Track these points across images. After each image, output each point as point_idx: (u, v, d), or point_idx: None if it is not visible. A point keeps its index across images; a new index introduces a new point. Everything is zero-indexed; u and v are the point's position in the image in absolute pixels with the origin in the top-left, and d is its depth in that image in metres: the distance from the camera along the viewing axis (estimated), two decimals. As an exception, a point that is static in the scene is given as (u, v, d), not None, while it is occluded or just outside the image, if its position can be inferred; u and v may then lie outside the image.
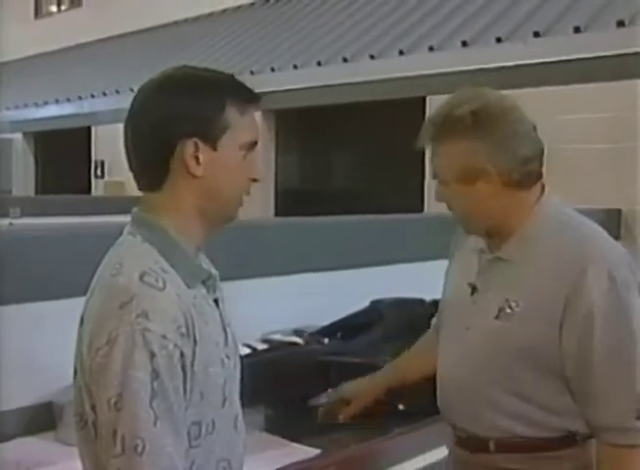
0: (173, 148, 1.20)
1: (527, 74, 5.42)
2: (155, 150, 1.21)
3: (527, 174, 1.57)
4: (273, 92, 7.32)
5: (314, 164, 7.91)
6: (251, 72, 7.74)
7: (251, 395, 1.37)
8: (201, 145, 1.20)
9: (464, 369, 1.65)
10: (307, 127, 7.75)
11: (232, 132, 1.22)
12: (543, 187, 1.63)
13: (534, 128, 1.59)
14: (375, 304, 2.61)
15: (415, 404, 2.27)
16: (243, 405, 1.32)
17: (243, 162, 1.25)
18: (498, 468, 1.61)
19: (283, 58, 7.70)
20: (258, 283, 2.60)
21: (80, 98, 9.96)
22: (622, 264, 1.54)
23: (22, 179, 11.21)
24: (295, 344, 2.30)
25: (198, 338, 1.16)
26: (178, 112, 1.20)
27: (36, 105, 10.74)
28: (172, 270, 1.18)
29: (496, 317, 1.57)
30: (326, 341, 2.36)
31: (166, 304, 1.13)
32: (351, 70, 6.76)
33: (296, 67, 7.31)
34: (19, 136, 11.41)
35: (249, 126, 1.26)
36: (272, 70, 7.54)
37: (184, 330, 1.13)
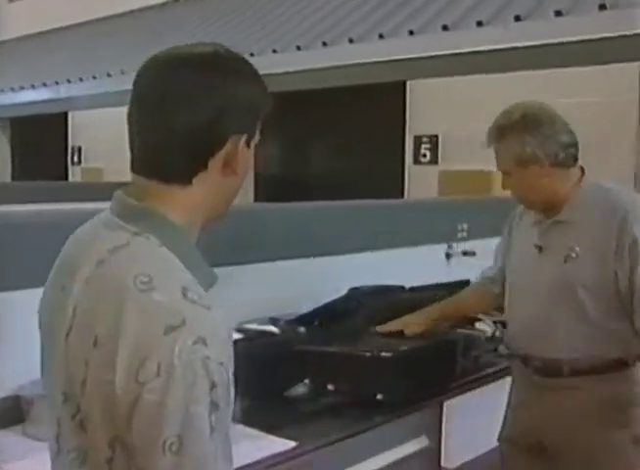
0: (224, 143, 1.07)
1: (508, 59, 5.37)
2: (203, 144, 1.07)
3: (569, 156, 2.11)
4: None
5: (294, 150, 7.85)
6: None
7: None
8: (244, 140, 1.10)
9: (542, 308, 2.16)
10: (287, 112, 7.65)
11: (258, 129, 1.15)
12: (583, 170, 2.18)
13: (567, 124, 2.13)
14: (353, 291, 2.56)
15: (393, 394, 2.24)
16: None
17: (250, 157, 1.16)
18: (570, 387, 2.12)
19: (262, 42, 7.59)
20: (233, 271, 2.53)
21: (57, 83, 9.78)
22: None
23: (-1, 166, 11.04)
24: (270, 333, 2.24)
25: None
26: (236, 101, 1.07)
27: (12, 90, 10.55)
28: (194, 278, 1.04)
29: (565, 262, 2.11)
30: (302, 330, 2.30)
31: (217, 325, 1.01)
32: (331, 54, 6.65)
33: (275, 51, 7.20)
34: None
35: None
36: (251, 54, 7.39)
37: (231, 352, 1.03)
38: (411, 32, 6.17)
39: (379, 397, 2.21)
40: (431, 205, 4.11)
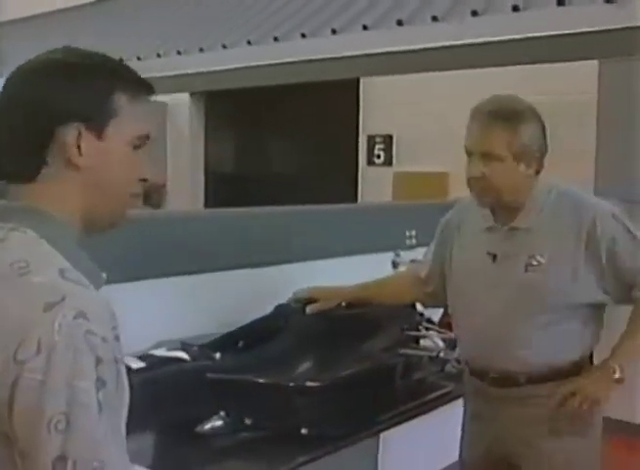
0: (52, 132, 1.06)
1: (465, 55, 5.18)
2: (30, 133, 1.07)
3: (542, 161, 2.03)
4: (201, 73, 7.00)
5: (246, 148, 7.60)
6: (178, 53, 7.36)
7: (126, 422, 1.06)
8: (84, 132, 1.07)
9: (497, 319, 2.03)
10: (239, 110, 7.42)
11: (120, 121, 1.10)
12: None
13: None
14: (280, 308, 2.29)
15: (321, 428, 1.98)
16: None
17: (132, 157, 1.13)
18: (527, 396, 2.02)
19: (211, 37, 7.32)
20: (140, 286, 2.25)
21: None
22: (613, 207, 2.05)
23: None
24: (179, 360, 1.96)
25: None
26: (58, 93, 1.07)
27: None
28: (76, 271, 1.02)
29: (525, 271, 1.99)
30: (217, 355, 2.03)
31: (98, 302, 0.98)
32: (282, 49, 6.44)
33: (224, 46, 6.94)
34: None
35: (140, 118, 1.14)
36: (200, 50, 7.16)
37: (117, 332, 0.99)
38: (365, 27, 5.96)
39: (303, 431, 1.95)
40: (377, 210, 3.86)
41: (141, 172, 1.15)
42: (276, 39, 6.58)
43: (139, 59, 7.52)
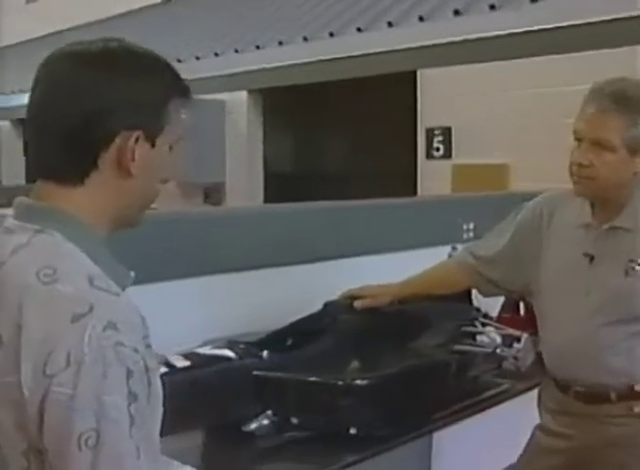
0: (111, 140, 1.02)
1: (523, 43, 5.03)
2: (88, 141, 1.02)
3: None
4: (258, 70, 7.00)
5: (304, 145, 7.59)
6: (236, 51, 7.37)
7: (172, 422, 1.05)
8: (141, 140, 1.04)
9: (588, 325, 1.87)
10: (296, 106, 7.39)
11: (170, 128, 1.08)
12: None
13: None
14: (328, 306, 2.23)
15: (370, 428, 1.92)
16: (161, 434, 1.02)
17: (169, 160, 1.11)
18: (619, 415, 1.86)
19: (267, 34, 7.31)
20: (188, 284, 2.24)
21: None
22: None
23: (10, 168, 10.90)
24: (225, 358, 1.93)
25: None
26: (124, 96, 1.02)
27: (22, 91, 10.38)
28: (103, 273, 1.00)
29: (626, 276, 1.83)
30: (265, 354, 1.99)
31: (129, 311, 0.96)
32: (338, 44, 6.38)
33: (280, 43, 6.93)
34: (6, 124, 11.08)
35: (181, 122, 1.11)
36: (257, 47, 7.16)
37: (148, 341, 0.97)
38: (421, 19, 5.86)
39: (352, 431, 1.90)
40: (433, 203, 3.76)
41: (173, 175, 1.13)
42: (332, 34, 6.53)
43: (197, 58, 7.57)
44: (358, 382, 1.92)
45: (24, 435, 0.92)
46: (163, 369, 1.77)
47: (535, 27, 5.01)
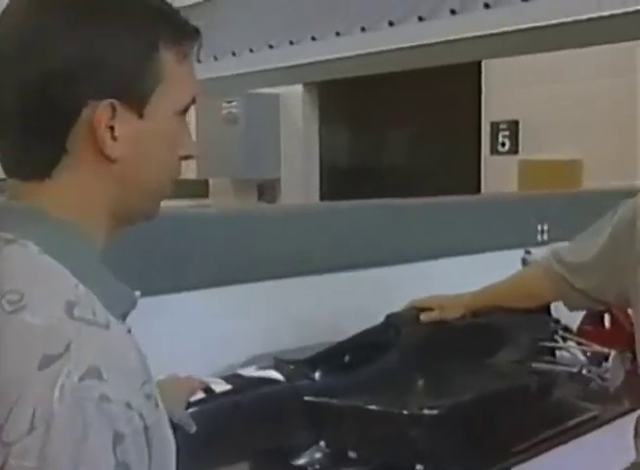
0: (76, 114, 0.78)
1: (597, 30, 4.73)
2: (44, 116, 0.78)
3: None
4: (314, 63, 6.81)
5: (361, 139, 7.39)
6: (291, 43, 7.17)
7: (211, 455, 0.94)
8: (119, 110, 0.79)
9: None
10: (353, 99, 7.20)
11: (165, 89, 0.81)
12: None
13: None
14: (391, 318, 1.98)
15: (440, 464, 1.66)
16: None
17: (177, 132, 0.86)
18: None
19: (324, 25, 7.09)
20: (230, 291, 2.01)
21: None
22: None
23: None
24: (271, 381, 1.69)
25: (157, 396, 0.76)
26: (86, 55, 0.77)
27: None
28: (94, 297, 0.77)
29: None
30: (317, 375, 1.75)
31: (121, 349, 0.74)
32: (398, 34, 6.13)
33: (338, 34, 6.70)
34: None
35: (188, 78, 0.85)
36: (313, 38, 6.95)
37: (148, 389, 0.73)
38: (486, 5, 5.55)
39: (419, 467, 1.65)
40: (502, 202, 3.47)
41: (185, 148, 0.88)
42: (391, 24, 6.27)
43: (251, 51, 7.39)
44: (427, 412, 1.66)
45: None
46: (201, 395, 1.54)
47: (614, 11, 4.68)
